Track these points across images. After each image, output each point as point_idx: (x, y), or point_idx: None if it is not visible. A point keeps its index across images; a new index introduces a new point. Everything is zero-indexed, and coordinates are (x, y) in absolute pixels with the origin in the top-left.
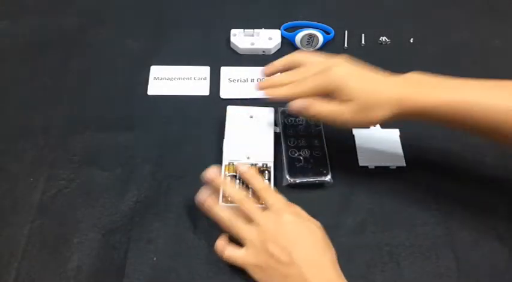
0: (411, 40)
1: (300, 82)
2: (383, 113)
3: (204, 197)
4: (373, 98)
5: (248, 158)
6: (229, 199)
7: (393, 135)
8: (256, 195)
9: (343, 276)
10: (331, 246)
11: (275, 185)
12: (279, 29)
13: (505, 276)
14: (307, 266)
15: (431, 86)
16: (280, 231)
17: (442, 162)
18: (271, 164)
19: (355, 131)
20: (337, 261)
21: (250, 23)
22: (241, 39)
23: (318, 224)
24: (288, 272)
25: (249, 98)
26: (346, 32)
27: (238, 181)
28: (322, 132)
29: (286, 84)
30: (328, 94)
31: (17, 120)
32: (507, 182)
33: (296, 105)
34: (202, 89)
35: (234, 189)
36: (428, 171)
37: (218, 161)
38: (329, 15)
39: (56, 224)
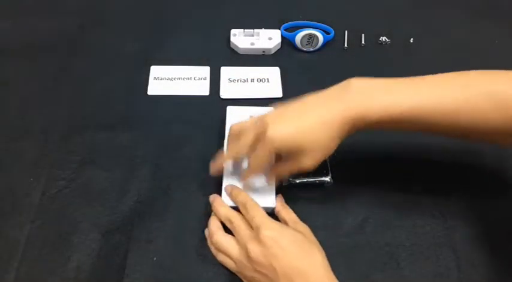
0: (411, 40)
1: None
2: (331, 144)
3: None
4: (316, 141)
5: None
6: (218, 216)
7: None
8: None
9: (333, 277)
10: (316, 247)
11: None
12: (279, 29)
13: (505, 276)
14: (293, 278)
15: (372, 97)
16: (263, 251)
17: (442, 162)
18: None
19: None
20: (325, 261)
21: (250, 23)
22: (241, 39)
23: (302, 227)
24: None
25: (249, 98)
26: (346, 32)
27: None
28: None
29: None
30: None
31: (17, 120)
32: (506, 182)
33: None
34: (202, 89)
35: (222, 208)
36: (427, 171)
37: None
38: (329, 15)
39: (56, 224)
